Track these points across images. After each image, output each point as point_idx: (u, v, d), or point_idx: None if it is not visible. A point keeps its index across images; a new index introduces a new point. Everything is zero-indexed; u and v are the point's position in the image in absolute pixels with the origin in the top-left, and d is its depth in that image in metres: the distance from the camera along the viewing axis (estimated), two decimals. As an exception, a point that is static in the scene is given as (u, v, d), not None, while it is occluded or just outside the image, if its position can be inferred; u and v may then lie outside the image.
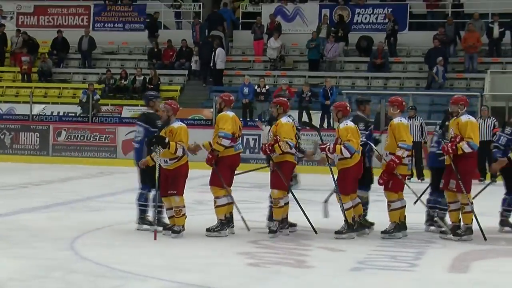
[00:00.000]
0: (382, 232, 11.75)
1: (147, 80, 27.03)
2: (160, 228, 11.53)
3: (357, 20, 28.39)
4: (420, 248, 11.09)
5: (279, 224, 11.71)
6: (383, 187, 11.63)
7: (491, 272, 9.68)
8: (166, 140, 11.18)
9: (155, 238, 11.05)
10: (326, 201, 12.19)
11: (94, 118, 25.25)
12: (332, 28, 27.74)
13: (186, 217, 11.51)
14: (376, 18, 28.10)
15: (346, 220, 11.57)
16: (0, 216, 13.21)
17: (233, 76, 28.01)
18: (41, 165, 21.95)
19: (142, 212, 12.02)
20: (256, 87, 24.71)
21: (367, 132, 12.13)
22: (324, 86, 23.95)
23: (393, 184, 11.37)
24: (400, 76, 26.60)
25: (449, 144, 11.32)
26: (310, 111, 22.91)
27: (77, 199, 14.90)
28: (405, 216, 11.71)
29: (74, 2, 32.16)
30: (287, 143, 11.42)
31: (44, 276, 8.81)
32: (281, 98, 12.67)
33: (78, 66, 30.47)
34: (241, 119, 21.00)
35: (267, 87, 24.66)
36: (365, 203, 12.55)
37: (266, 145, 11.81)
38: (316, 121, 21.56)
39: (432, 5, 28.28)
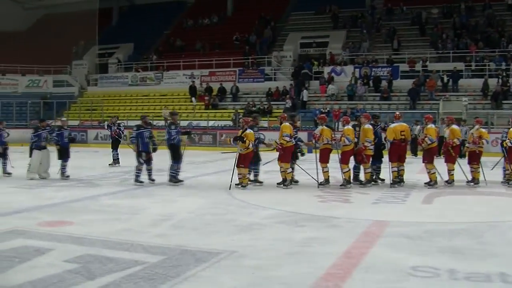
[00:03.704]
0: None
1: (266, 107, 31.86)
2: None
3: (373, 74, 32.57)
4: (408, 192, 13.03)
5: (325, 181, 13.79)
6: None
7: (446, 203, 11.93)
8: (244, 139, 13.24)
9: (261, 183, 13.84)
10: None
11: (238, 126, 24.38)
12: (360, 79, 32.59)
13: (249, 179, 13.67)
14: (383, 73, 32.53)
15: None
16: (195, 176, 15.84)
17: (311, 104, 32.23)
18: (214, 152, 23.91)
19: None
20: (322, 109, 28.67)
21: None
22: (356, 108, 28.09)
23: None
24: (395, 103, 30.38)
25: None
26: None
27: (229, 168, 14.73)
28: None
29: (228, 68, 37.16)
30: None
31: (214, 207, 10.90)
32: (322, 115, 15.33)
33: (230, 101, 35.51)
34: (314, 127, 24.07)
35: (327, 109, 28.98)
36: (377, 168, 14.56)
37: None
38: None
39: (411, 66, 32.53)
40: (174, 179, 14.36)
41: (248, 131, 13.44)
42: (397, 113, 14.86)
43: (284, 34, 40.01)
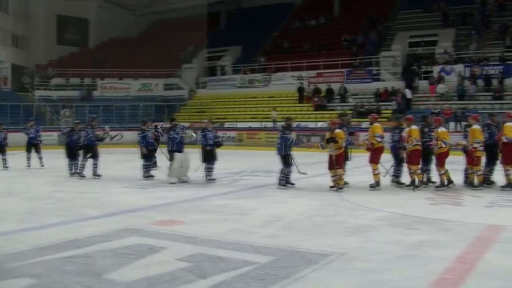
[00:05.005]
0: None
1: (374, 108, 31.33)
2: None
3: (483, 73, 31.94)
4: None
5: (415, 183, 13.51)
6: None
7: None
8: (336, 139, 13.19)
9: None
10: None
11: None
12: (468, 78, 32.00)
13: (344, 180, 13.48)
14: (495, 71, 31.70)
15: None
16: (304, 178, 14.87)
17: (419, 104, 32.02)
18: (322, 153, 16.59)
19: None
20: (432, 110, 27.84)
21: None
22: (467, 108, 27.75)
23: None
24: (509, 103, 29.18)
25: None
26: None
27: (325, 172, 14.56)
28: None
29: (336, 69, 37.23)
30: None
31: (324, 208, 10.99)
32: (409, 116, 14.55)
33: (338, 102, 35.88)
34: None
35: (438, 109, 28.50)
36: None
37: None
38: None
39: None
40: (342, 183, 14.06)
41: (338, 130, 13.41)
42: (510, 112, 14.13)
43: (392, 33, 39.64)
